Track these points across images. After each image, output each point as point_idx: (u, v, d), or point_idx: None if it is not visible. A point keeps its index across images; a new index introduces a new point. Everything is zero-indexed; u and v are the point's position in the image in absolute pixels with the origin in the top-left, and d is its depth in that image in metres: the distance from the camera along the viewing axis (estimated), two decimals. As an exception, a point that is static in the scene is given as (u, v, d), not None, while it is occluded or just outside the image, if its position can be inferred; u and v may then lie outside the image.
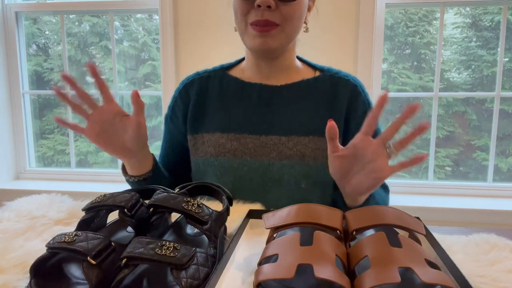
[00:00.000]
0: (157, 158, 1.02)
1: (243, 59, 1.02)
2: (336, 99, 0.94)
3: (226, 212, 0.64)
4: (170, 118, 1.03)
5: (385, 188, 0.97)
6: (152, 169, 0.89)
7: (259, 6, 0.82)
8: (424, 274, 0.43)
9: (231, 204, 0.68)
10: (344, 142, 0.93)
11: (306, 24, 0.94)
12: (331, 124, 0.69)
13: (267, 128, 0.92)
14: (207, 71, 1.02)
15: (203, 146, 0.95)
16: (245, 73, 0.99)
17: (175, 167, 1.02)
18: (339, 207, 0.97)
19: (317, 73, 0.98)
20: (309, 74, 0.98)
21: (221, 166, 0.92)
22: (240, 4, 0.86)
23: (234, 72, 1.00)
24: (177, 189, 0.68)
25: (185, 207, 0.55)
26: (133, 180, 0.88)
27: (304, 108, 0.93)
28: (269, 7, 0.82)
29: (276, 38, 0.86)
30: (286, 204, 0.88)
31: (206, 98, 0.98)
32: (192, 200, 0.57)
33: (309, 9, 0.93)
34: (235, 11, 0.88)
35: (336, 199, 0.96)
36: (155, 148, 2.45)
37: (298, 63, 1.00)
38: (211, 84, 0.99)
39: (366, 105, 0.96)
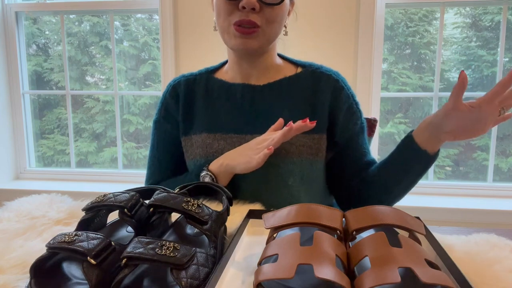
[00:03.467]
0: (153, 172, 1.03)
1: (226, 61, 1.03)
2: (318, 95, 0.95)
3: (226, 212, 0.64)
4: (164, 118, 1.02)
5: None
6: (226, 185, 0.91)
7: (243, 7, 0.84)
8: (424, 274, 0.43)
9: (231, 204, 0.68)
10: (330, 136, 0.96)
11: (286, 27, 0.96)
12: (464, 76, 0.71)
13: (251, 128, 0.94)
14: (193, 74, 1.04)
15: (192, 148, 0.96)
16: (228, 74, 1.01)
17: (180, 168, 1.02)
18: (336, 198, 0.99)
19: (299, 70, 1.00)
20: (290, 71, 0.99)
21: None
22: (224, 5, 0.87)
23: (219, 75, 1.02)
24: (177, 189, 0.68)
25: (185, 207, 0.55)
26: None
27: (287, 106, 0.95)
28: (253, 9, 0.84)
29: (256, 40, 0.88)
30: (274, 201, 0.89)
31: (193, 100, 1.00)
32: (192, 200, 0.57)
33: (288, 13, 0.95)
34: (218, 11, 0.89)
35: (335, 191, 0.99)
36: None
37: (279, 60, 1.01)
38: (197, 86, 1.01)
39: (350, 98, 0.97)
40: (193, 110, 0.99)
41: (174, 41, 1.97)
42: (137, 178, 2.25)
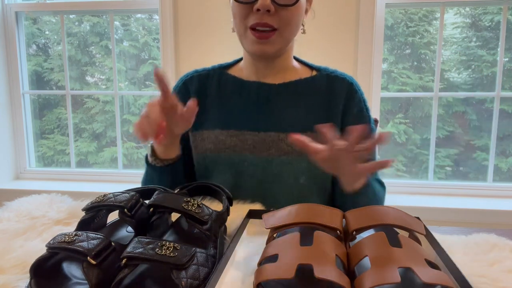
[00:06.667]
0: None
1: (241, 59, 1.03)
2: (332, 98, 0.96)
3: (226, 212, 0.64)
4: None
5: (381, 183, 0.99)
6: (178, 154, 0.88)
7: (258, 10, 0.83)
8: (424, 274, 0.43)
9: (231, 204, 0.68)
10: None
11: (303, 26, 0.96)
12: (295, 138, 0.72)
13: (265, 125, 0.94)
14: (206, 69, 1.03)
15: (203, 143, 0.96)
16: (243, 72, 1.00)
17: (184, 166, 1.01)
18: (336, 198, 0.98)
19: (314, 73, 1.00)
20: (306, 73, 1.00)
21: (222, 162, 0.93)
22: (238, 8, 0.86)
23: (232, 71, 1.01)
24: (177, 189, 0.68)
25: (185, 207, 0.55)
26: (159, 164, 0.86)
27: (301, 106, 0.95)
28: (268, 11, 0.83)
29: (274, 44, 0.87)
30: (285, 199, 0.89)
31: (205, 95, 0.99)
32: (192, 200, 0.57)
33: (306, 12, 0.95)
34: (234, 14, 0.89)
35: (333, 191, 0.98)
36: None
37: (295, 63, 1.01)
38: (210, 82, 1.00)
39: (362, 103, 0.98)
40: (205, 105, 0.99)
41: (174, 41, 1.97)
42: (137, 178, 2.24)
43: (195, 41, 1.97)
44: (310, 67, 1.02)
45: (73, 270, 0.50)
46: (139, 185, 0.89)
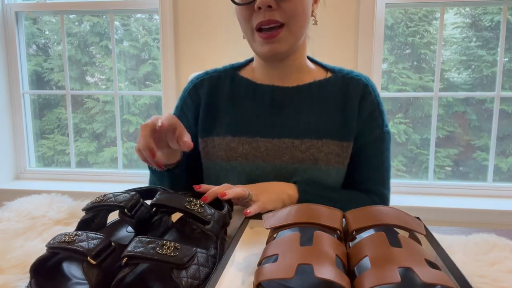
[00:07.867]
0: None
1: (252, 59, 1.00)
2: (348, 100, 0.92)
3: (228, 215, 0.64)
4: (179, 118, 0.99)
5: (376, 193, 0.94)
6: (178, 160, 0.85)
7: (259, 8, 0.80)
8: (424, 274, 0.43)
9: (232, 209, 0.68)
10: (355, 141, 0.92)
11: (315, 17, 0.91)
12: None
13: (279, 131, 0.90)
14: (217, 70, 1.00)
15: (214, 150, 0.93)
16: (256, 74, 0.97)
17: (186, 170, 0.97)
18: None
19: (329, 74, 0.97)
20: (320, 75, 0.96)
21: (234, 170, 0.90)
22: (241, 11, 0.84)
23: (245, 73, 0.98)
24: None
25: (188, 206, 0.56)
26: (159, 169, 0.84)
27: (317, 111, 0.92)
28: (269, 7, 0.80)
29: (283, 42, 0.84)
30: None
31: (217, 99, 0.96)
32: (194, 200, 0.57)
33: (316, 1, 0.91)
34: (239, 19, 0.87)
35: None
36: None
37: (310, 63, 0.98)
38: (222, 84, 0.97)
39: (375, 105, 0.94)
40: (217, 110, 0.95)
41: (174, 41, 1.97)
42: (137, 178, 2.25)
43: (195, 41, 1.97)
44: (325, 68, 0.98)
45: (73, 270, 0.50)
46: (139, 185, 0.89)
